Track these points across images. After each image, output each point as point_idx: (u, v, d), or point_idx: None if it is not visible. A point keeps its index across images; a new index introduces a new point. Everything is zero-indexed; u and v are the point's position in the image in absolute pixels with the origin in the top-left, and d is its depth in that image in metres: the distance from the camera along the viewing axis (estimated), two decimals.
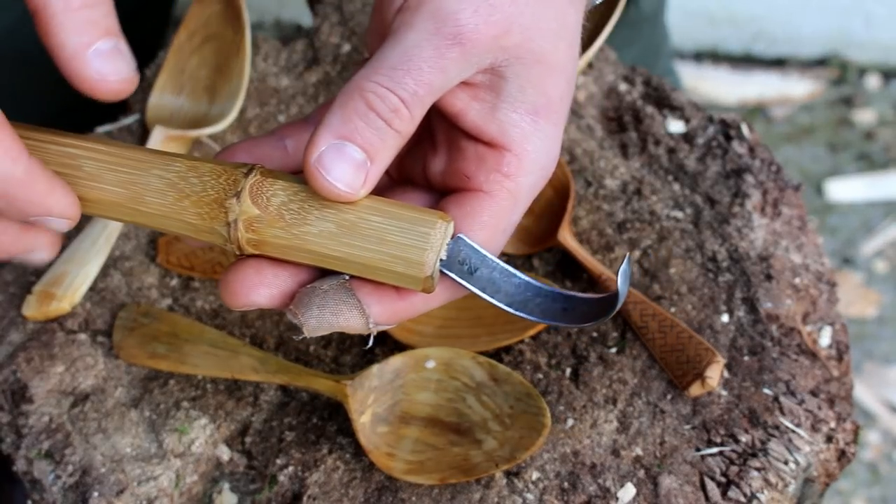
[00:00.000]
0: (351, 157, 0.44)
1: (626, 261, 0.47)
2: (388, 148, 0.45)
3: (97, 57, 0.45)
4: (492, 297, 0.47)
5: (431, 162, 0.51)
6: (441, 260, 0.45)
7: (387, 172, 0.53)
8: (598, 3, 0.55)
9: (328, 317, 0.47)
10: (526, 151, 0.48)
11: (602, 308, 0.46)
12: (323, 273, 0.48)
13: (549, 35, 0.47)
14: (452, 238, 0.46)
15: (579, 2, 0.50)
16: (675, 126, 0.73)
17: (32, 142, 0.47)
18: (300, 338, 0.49)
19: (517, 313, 0.47)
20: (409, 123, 0.45)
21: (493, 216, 0.48)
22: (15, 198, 0.46)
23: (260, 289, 0.47)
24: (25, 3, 0.45)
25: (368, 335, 0.48)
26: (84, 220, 0.71)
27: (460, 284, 0.46)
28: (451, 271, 0.46)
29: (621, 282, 0.46)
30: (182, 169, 0.46)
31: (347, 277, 0.47)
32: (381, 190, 0.51)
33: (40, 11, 0.44)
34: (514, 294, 0.47)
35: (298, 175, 0.47)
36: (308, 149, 0.44)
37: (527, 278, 0.47)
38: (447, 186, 0.50)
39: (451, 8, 0.45)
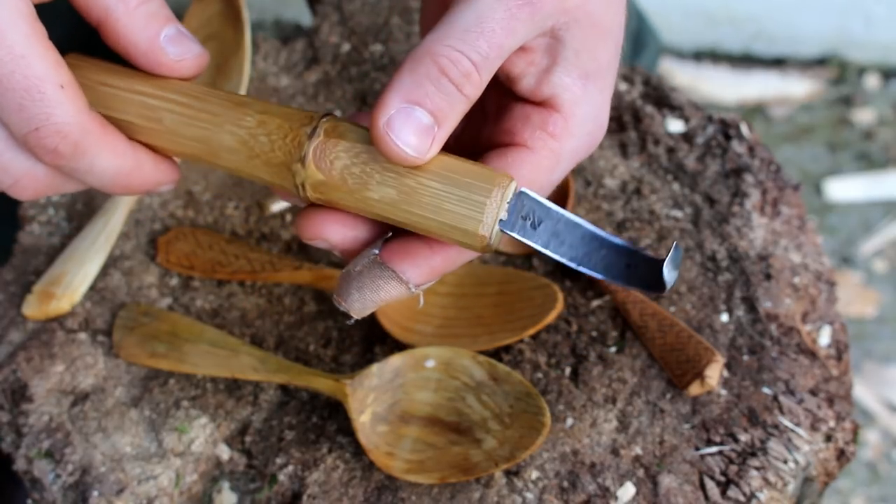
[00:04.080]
0: (419, 121, 0.44)
1: (674, 248, 0.46)
2: (456, 113, 0.45)
3: (169, 43, 0.48)
4: (556, 251, 0.46)
5: (481, 130, 0.51)
6: (501, 220, 0.45)
7: (446, 148, 0.53)
8: None
9: (369, 295, 0.48)
10: (573, 115, 0.48)
11: (658, 273, 0.46)
12: (394, 228, 0.48)
13: None
14: (515, 193, 0.46)
15: None
16: (675, 125, 0.73)
17: (116, 90, 0.49)
18: (352, 321, 0.49)
19: (580, 268, 0.47)
20: (478, 88, 0.45)
21: (533, 171, 0.48)
22: (129, 185, 0.50)
23: (335, 226, 0.48)
24: (86, 18, 0.48)
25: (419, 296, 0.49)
26: (84, 219, 0.71)
27: (522, 242, 0.46)
28: (512, 230, 0.46)
29: (667, 270, 0.45)
30: (252, 125, 0.47)
31: (377, 252, 0.47)
32: None
33: (104, 21, 0.48)
34: (579, 246, 0.47)
35: (364, 127, 0.47)
36: (376, 111, 0.44)
37: (593, 228, 0.47)
38: (492, 145, 0.50)
39: None
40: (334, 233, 0.48)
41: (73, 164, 0.48)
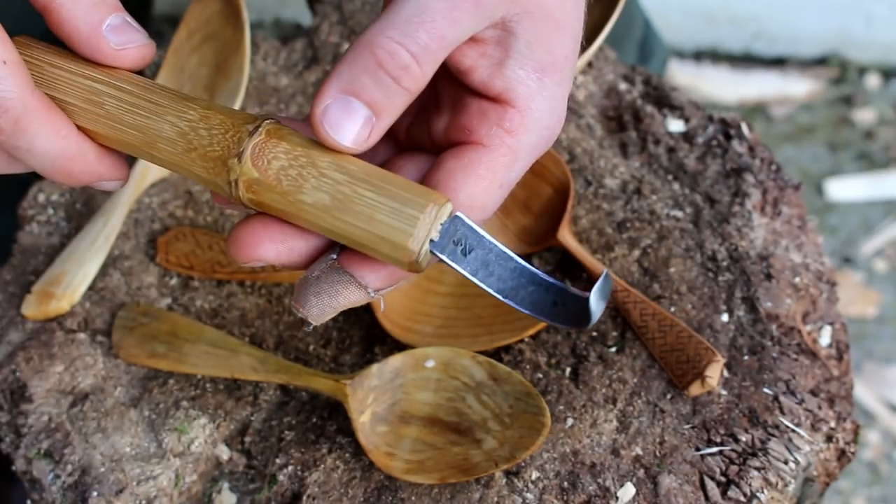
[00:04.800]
0: (356, 112, 0.44)
1: (603, 277, 0.46)
2: (394, 105, 0.45)
3: (112, 32, 0.48)
4: (483, 281, 0.46)
5: (436, 122, 0.50)
6: (432, 241, 0.45)
7: (395, 140, 0.52)
8: None
9: (327, 301, 0.47)
10: (529, 109, 0.47)
11: (585, 309, 0.46)
12: (329, 242, 0.48)
13: None
14: (450, 216, 0.45)
15: None
16: (675, 125, 0.73)
17: (62, 71, 0.49)
18: (310, 328, 0.48)
19: (506, 301, 0.47)
20: (418, 80, 0.45)
21: (491, 170, 0.47)
22: (70, 172, 0.49)
23: (267, 243, 0.47)
24: (33, 4, 0.47)
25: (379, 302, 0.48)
26: (84, 219, 0.71)
27: (451, 266, 0.46)
28: (442, 253, 0.45)
29: (595, 299, 0.45)
30: (194, 119, 0.47)
31: (335, 257, 0.47)
32: (386, 159, 0.51)
33: (48, 7, 0.47)
34: (508, 279, 0.46)
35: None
36: (315, 100, 0.44)
37: (523, 263, 0.46)
38: (449, 142, 0.49)
39: None
40: (268, 250, 0.47)
41: (13, 142, 0.47)
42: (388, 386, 0.60)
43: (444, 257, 0.45)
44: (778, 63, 1.63)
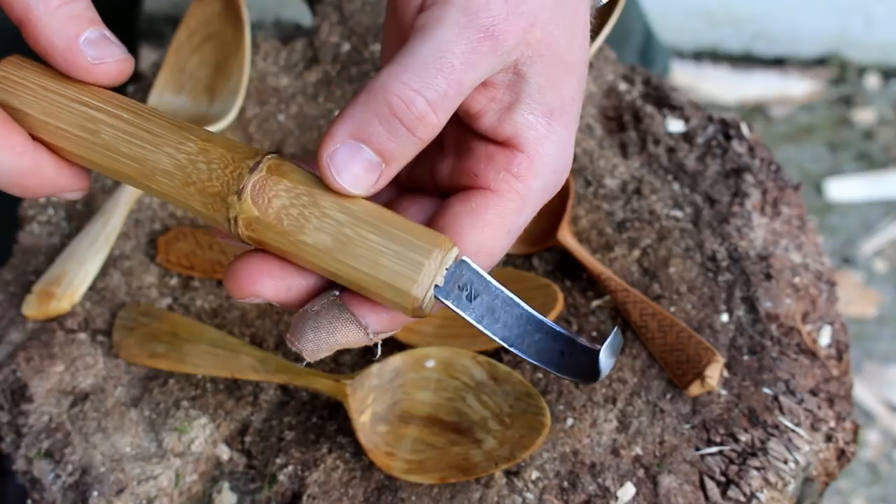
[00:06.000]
0: (365, 159, 0.43)
1: (613, 333, 0.45)
2: (405, 154, 0.44)
3: (89, 45, 0.46)
4: (489, 327, 0.45)
5: (439, 165, 0.49)
6: (437, 286, 0.44)
7: (397, 181, 0.51)
8: (603, 2, 0.54)
9: (325, 337, 0.45)
10: (538, 154, 0.46)
11: (594, 362, 0.45)
12: (329, 281, 0.46)
13: (565, 32, 0.46)
14: (456, 261, 0.44)
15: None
16: (675, 125, 0.73)
17: (58, 97, 0.47)
18: (303, 364, 0.47)
19: (512, 349, 0.45)
20: (433, 130, 0.43)
21: (499, 215, 0.46)
22: (27, 186, 0.48)
23: (266, 280, 0.45)
24: (9, 17, 0.46)
25: (375, 346, 0.47)
26: (84, 219, 0.71)
27: (455, 312, 0.45)
28: (447, 298, 0.44)
29: (605, 356, 0.44)
30: (193, 151, 0.45)
31: (338, 293, 0.45)
32: (388, 200, 0.50)
33: (24, 20, 0.46)
34: (514, 326, 0.45)
35: (310, 171, 0.46)
36: (323, 140, 0.43)
37: (530, 310, 0.45)
38: (455, 186, 0.48)
39: (480, 0, 0.44)
40: (265, 287, 0.45)
41: None
42: (388, 386, 0.60)
43: (448, 303, 0.44)
44: (778, 63, 1.63)
